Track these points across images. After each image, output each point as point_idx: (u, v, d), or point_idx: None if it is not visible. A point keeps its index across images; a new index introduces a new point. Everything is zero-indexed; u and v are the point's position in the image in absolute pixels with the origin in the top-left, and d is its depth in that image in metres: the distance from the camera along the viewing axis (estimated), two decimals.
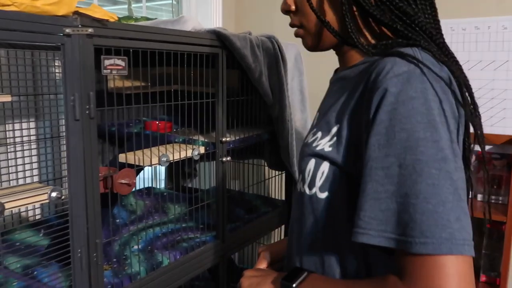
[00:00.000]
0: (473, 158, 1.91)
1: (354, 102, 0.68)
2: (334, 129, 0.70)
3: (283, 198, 1.75)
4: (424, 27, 0.68)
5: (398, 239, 0.57)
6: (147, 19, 1.41)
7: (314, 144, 0.73)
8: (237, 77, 1.56)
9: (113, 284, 1.04)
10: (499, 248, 1.71)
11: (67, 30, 0.88)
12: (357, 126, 0.66)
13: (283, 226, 1.75)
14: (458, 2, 1.94)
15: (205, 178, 1.93)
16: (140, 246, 1.29)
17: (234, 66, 1.40)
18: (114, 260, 1.19)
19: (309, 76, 1.79)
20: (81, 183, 0.92)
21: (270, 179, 1.73)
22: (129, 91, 1.36)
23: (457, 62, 0.70)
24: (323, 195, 0.70)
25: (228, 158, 1.33)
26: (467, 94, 0.65)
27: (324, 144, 0.71)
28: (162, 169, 1.99)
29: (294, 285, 0.69)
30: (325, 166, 0.70)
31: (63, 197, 0.91)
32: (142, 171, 1.86)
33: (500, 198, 1.82)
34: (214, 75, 1.32)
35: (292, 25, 0.82)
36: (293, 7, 0.80)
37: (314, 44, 0.79)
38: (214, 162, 1.36)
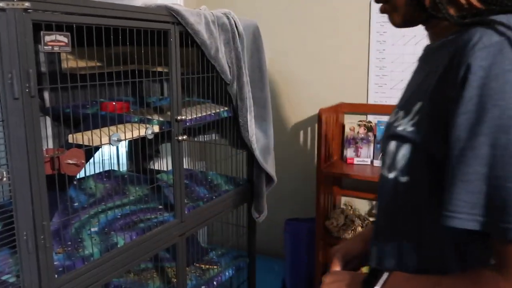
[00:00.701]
0: None
1: (438, 77, 0.63)
2: (417, 107, 0.66)
3: (245, 176, 1.75)
4: None
5: (494, 224, 0.53)
6: None
7: (395, 124, 0.70)
8: (195, 54, 1.53)
9: (65, 266, 1.02)
10: None
11: (1, 4, 0.84)
12: (442, 103, 0.61)
13: (245, 204, 1.75)
14: None
15: (168, 159, 1.91)
16: (97, 229, 1.27)
17: (192, 43, 1.37)
18: (69, 243, 1.17)
19: (269, 53, 1.78)
20: (24, 164, 0.89)
21: (232, 157, 1.72)
22: (84, 71, 1.32)
23: None
24: (404, 179, 0.67)
25: (184, 137, 1.31)
26: None
27: (406, 123, 0.67)
28: (124, 152, 1.96)
29: None
30: (406, 149, 0.66)
31: (4, 179, 0.87)
32: (98, 153, 1.83)
33: None
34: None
35: (377, 0, 0.76)
36: None
37: (401, 19, 0.73)
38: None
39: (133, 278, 1.61)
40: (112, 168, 1.86)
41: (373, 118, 2.13)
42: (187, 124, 1.37)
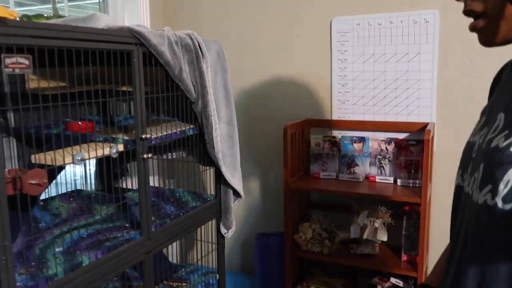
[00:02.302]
0: (392, 144, 2.03)
1: None
2: None
3: (213, 192, 1.77)
4: None
5: None
6: (59, 17, 1.39)
7: (505, 146, 0.64)
8: (160, 73, 1.56)
9: (28, 287, 1.02)
10: (418, 228, 1.82)
11: None
12: None
13: (214, 220, 1.77)
14: None
15: (135, 178, 1.92)
16: (62, 249, 1.26)
17: (156, 63, 1.40)
18: (33, 264, 1.17)
19: (233, 72, 1.83)
20: None
21: (200, 174, 1.75)
22: (48, 91, 1.33)
23: None
24: None
25: (149, 155, 1.33)
26: None
27: None
28: (92, 171, 1.96)
29: None
30: None
31: None
32: (68, 173, 1.82)
33: (417, 181, 1.95)
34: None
35: (469, 11, 0.69)
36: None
37: (495, 35, 0.66)
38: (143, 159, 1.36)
39: None
40: (80, 188, 1.85)
41: (337, 133, 2.20)
42: (153, 142, 1.39)
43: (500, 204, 0.64)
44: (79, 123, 1.46)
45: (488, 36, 0.68)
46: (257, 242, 2.28)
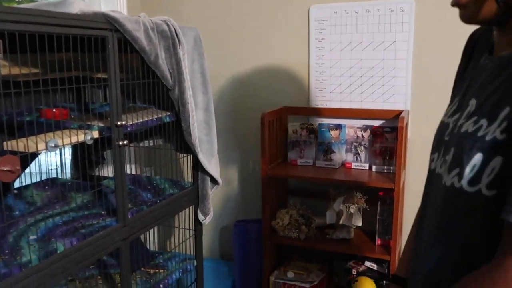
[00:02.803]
0: (368, 132, 2.06)
1: None
2: (504, 112, 0.63)
3: (190, 179, 1.78)
4: None
5: None
6: (31, 1, 1.36)
7: (479, 134, 0.66)
8: (136, 60, 1.55)
9: (1, 274, 1.01)
10: (391, 213, 1.87)
11: None
12: None
13: (191, 207, 1.78)
14: None
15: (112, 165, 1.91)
16: (36, 236, 1.25)
17: (132, 50, 1.39)
18: (7, 251, 1.16)
19: (210, 59, 1.82)
20: None
21: (177, 161, 1.75)
22: (20, 78, 1.30)
23: None
24: (491, 192, 0.64)
25: (125, 142, 1.33)
26: None
27: (494, 131, 0.64)
28: (68, 160, 1.94)
29: None
30: (497, 161, 0.63)
31: None
32: (45, 161, 1.80)
33: (392, 168, 1.99)
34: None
35: None
36: None
37: (477, 13, 0.68)
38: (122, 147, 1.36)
39: (78, 286, 1.59)
40: (56, 176, 1.84)
41: (314, 121, 2.23)
42: (128, 129, 1.39)
43: (465, 186, 0.67)
44: (53, 110, 1.44)
45: (470, 12, 0.69)
46: (236, 229, 2.30)
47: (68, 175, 1.91)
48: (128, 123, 1.38)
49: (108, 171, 1.96)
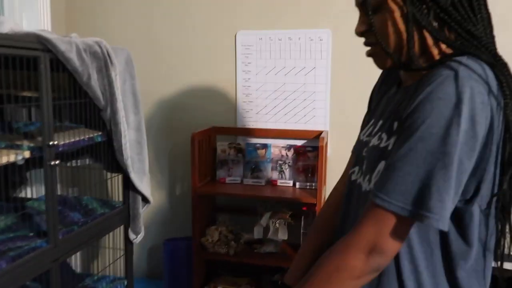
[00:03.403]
0: (292, 151, 2.21)
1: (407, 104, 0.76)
2: (395, 126, 0.80)
3: (121, 199, 1.78)
4: (490, 47, 0.75)
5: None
6: None
7: (382, 145, 0.82)
8: (67, 79, 1.55)
9: None
10: None
11: None
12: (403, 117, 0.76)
13: (122, 226, 1.78)
14: (274, 16, 2.21)
15: (37, 186, 1.86)
16: None
17: (63, 69, 1.40)
18: None
19: (141, 79, 1.86)
20: None
21: (107, 181, 1.75)
22: None
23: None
24: None
25: (57, 162, 1.32)
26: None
27: (392, 143, 0.79)
28: None
29: None
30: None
31: None
32: None
33: (314, 184, 2.14)
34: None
35: (367, 43, 0.86)
36: (363, 28, 0.84)
37: (381, 64, 0.85)
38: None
39: None
40: None
41: (242, 141, 2.33)
42: (60, 149, 1.38)
43: (372, 188, 0.81)
44: None
45: (379, 63, 0.86)
46: (165, 247, 2.31)
47: None
48: (60, 143, 1.38)
49: (32, 191, 1.90)
